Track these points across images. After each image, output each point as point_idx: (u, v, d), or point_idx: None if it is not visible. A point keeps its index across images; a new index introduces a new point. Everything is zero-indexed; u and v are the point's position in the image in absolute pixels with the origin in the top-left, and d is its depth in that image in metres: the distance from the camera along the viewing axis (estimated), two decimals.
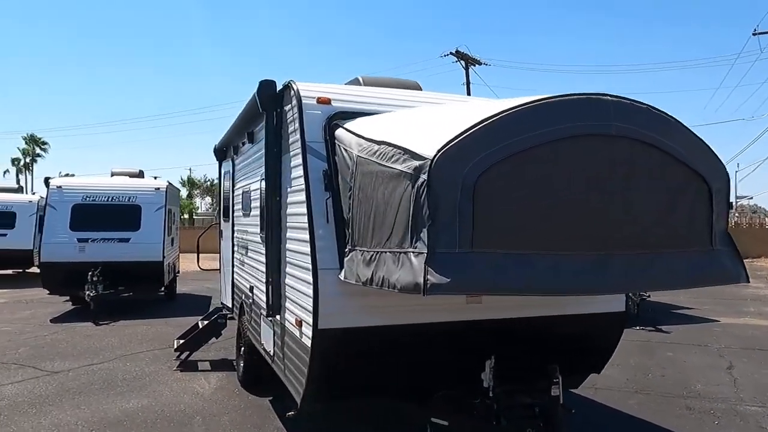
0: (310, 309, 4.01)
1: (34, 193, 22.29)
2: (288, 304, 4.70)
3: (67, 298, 14.11)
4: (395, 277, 3.18)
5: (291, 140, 4.64)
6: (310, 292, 4.02)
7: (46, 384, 7.33)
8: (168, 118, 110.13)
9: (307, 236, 4.12)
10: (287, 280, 4.72)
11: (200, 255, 9.50)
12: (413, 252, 3.06)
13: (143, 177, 15.03)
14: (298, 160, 4.38)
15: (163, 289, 14.06)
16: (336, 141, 4.26)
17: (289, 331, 4.58)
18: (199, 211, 57.77)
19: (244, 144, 7.15)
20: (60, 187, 12.95)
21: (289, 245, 4.67)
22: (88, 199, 12.97)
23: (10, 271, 20.98)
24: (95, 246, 12.69)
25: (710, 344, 9.85)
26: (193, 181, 58.01)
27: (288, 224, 4.69)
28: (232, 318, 8.23)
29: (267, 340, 5.43)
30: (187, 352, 8.16)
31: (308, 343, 4.03)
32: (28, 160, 65.23)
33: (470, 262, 3.00)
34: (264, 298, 5.38)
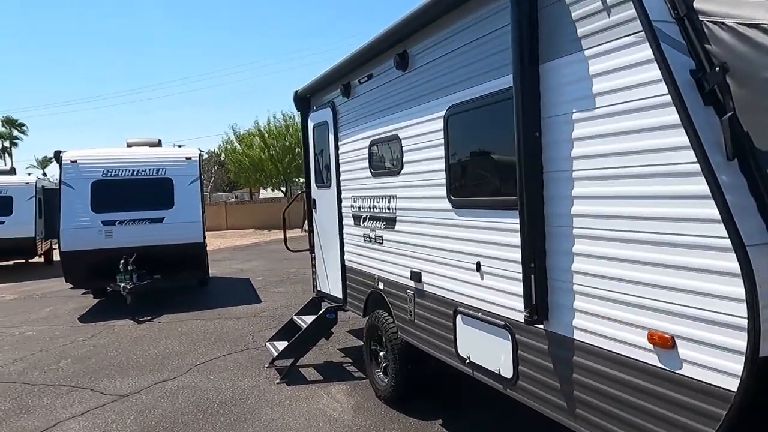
0: (719, 320, 2.20)
1: (29, 175, 19.95)
2: (585, 305, 2.87)
3: (85, 290, 12.19)
4: None
5: (586, 28, 2.75)
6: (721, 289, 2.20)
7: (118, 415, 5.49)
8: (153, 90, 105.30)
9: (682, 187, 2.31)
10: (581, 266, 2.88)
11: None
12: None
13: (160, 146, 12.95)
14: (627, 57, 2.51)
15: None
16: (703, 18, 2.39)
17: (603, 352, 2.76)
18: None
19: (370, 77, 5.21)
20: (75, 161, 10.84)
21: (595, 207, 2.80)
22: (109, 174, 10.91)
23: (11, 263, 18.84)
24: (124, 229, 10.72)
25: None
26: None
27: (595, 174, 2.80)
28: (342, 310, 6.41)
29: (492, 356, 3.62)
30: (290, 359, 6.32)
31: (715, 380, 2.22)
32: (6, 144, 61.64)
33: None
34: (460, 290, 3.87)
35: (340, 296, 6.32)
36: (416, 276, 4.56)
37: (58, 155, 11.03)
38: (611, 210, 2.67)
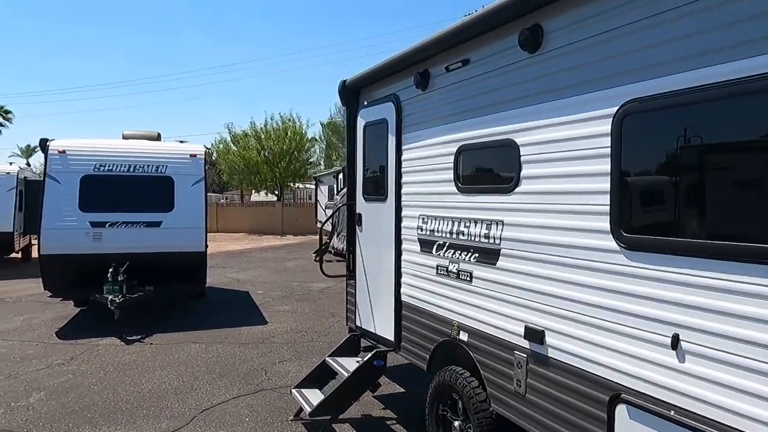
0: None
1: (11, 164, 18.40)
2: None
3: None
4: None
5: None
6: None
7: None
8: (151, 83, 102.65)
9: None
10: None
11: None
12: None
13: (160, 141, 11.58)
14: None
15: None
16: None
17: None
18: None
19: (465, 63, 3.97)
20: (63, 152, 9.45)
21: None
22: (102, 168, 9.53)
23: None
24: (115, 233, 9.35)
25: None
26: None
27: None
28: (389, 351, 5.13)
29: None
30: (325, 416, 5.01)
31: None
32: None
33: None
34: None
35: (390, 337, 5.04)
36: (535, 335, 3.30)
37: (44, 144, 9.62)
38: None
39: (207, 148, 10.77)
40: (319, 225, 23.21)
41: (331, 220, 16.12)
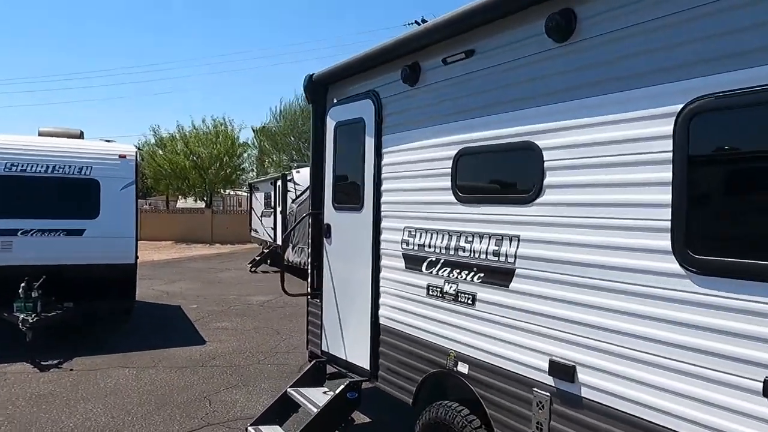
0: None
1: None
2: None
3: None
4: None
5: None
6: None
7: None
8: (72, 79, 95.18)
9: None
10: None
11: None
12: None
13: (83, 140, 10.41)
14: None
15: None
16: None
17: None
18: None
19: (469, 55, 3.47)
20: None
21: None
22: (14, 168, 8.34)
23: None
24: (29, 242, 8.21)
25: None
26: None
27: None
28: (366, 381, 4.53)
29: None
30: None
31: None
32: None
33: None
34: None
35: (365, 365, 4.44)
36: (563, 371, 2.82)
37: None
38: None
39: (138, 149, 9.76)
40: (254, 234, 22.18)
41: (272, 228, 15.32)
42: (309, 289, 5.21)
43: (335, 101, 4.95)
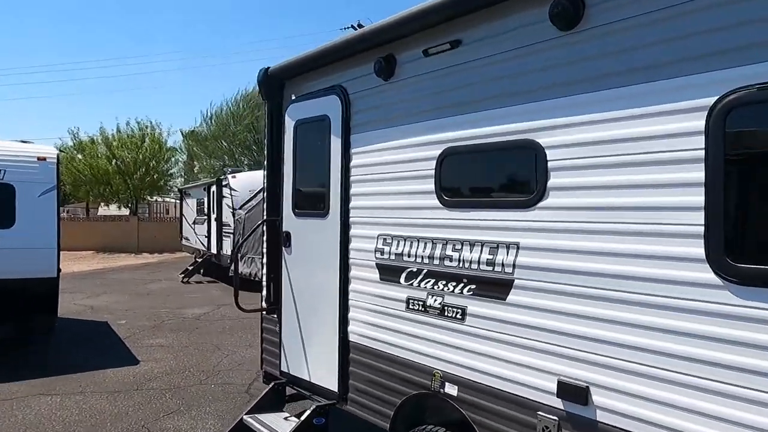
0: None
1: None
2: None
3: None
4: None
5: None
6: None
7: None
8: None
9: None
10: None
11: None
12: None
13: None
14: None
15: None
16: None
17: None
18: None
19: (455, 45, 3.17)
20: None
21: None
22: None
23: None
24: None
25: None
26: None
27: None
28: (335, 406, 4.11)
29: None
30: None
31: None
32: None
33: None
34: None
35: (333, 387, 4.04)
36: (574, 392, 2.55)
37: None
38: None
39: (61, 150, 8.88)
40: (185, 242, 21.10)
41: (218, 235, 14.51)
42: (264, 304, 4.74)
43: (294, 98, 4.53)
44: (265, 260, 4.80)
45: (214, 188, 16.55)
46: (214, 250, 16.42)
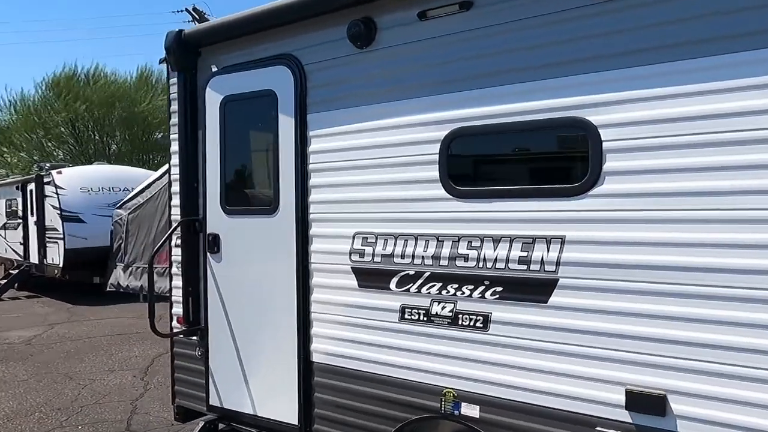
0: None
1: None
2: None
3: None
4: None
5: None
6: None
7: None
8: None
9: None
10: None
11: None
12: None
13: None
14: None
15: None
16: None
17: None
18: None
19: (466, 7, 2.70)
20: None
21: None
22: None
23: None
24: None
25: None
26: None
27: None
28: None
29: None
30: None
31: None
32: None
33: None
34: None
35: (292, 420, 3.33)
36: (647, 402, 2.25)
37: None
38: None
39: None
40: None
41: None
42: (181, 325, 3.83)
43: (216, 69, 3.69)
44: (177, 271, 3.88)
45: (32, 186, 14.01)
46: (34, 260, 13.92)
